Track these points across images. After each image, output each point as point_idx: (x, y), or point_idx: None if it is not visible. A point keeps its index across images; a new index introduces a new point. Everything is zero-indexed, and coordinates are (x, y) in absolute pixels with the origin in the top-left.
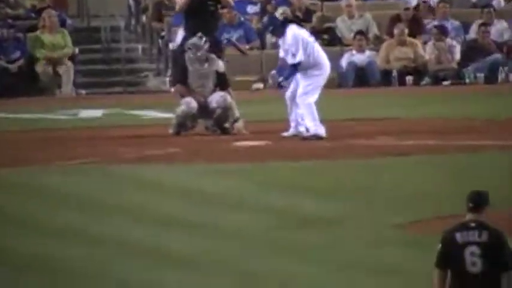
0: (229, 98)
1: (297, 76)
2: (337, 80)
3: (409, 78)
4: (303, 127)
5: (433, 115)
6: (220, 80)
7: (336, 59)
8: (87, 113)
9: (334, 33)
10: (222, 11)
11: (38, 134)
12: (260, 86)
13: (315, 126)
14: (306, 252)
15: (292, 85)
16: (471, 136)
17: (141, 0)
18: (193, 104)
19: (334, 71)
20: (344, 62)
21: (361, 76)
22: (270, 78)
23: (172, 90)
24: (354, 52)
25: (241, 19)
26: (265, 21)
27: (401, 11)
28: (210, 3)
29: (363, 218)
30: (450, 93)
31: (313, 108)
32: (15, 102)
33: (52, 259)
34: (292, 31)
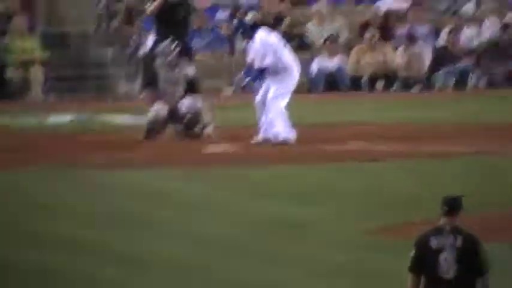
0: (200, 104)
1: (266, 81)
2: (307, 85)
3: (379, 84)
4: (272, 132)
5: (404, 120)
6: (190, 86)
7: (306, 64)
8: (56, 118)
9: (304, 39)
10: (193, 17)
11: (5, 138)
12: (230, 91)
13: (285, 131)
14: (277, 257)
15: (261, 90)
16: (441, 142)
17: (112, 5)
18: (164, 109)
19: (304, 76)
20: (314, 67)
21: (331, 81)
22: (237, 80)
23: (143, 95)
24: (324, 57)
25: (211, 25)
26: (235, 24)
27: (371, 17)
28: (181, 9)
29: (334, 223)
30: (420, 99)
31: (284, 112)
32: None
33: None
34: (260, 35)
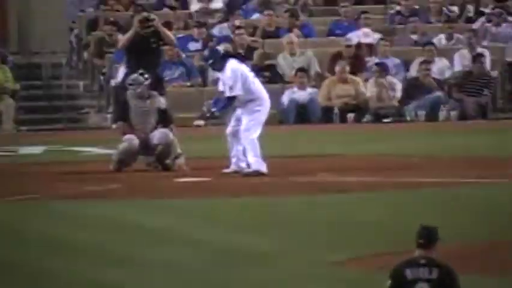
0: (171, 135)
1: (238, 112)
2: (278, 117)
3: (350, 116)
4: (244, 163)
5: (374, 152)
6: (162, 117)
7: (277, 95)
8: (28, 149)
9: (275, 70)
10: (164, 48)
11: None
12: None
13: (256, 163)
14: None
15: (232, 121)
16: (411, 173)
17: (83, 36)
18: (135, 141)
19: (275, 108)
20: (285, 98)
21: (302, 113)
22: (204, 107)
23: (114, 126)
24: (295, 89)
25: (183, 56)
26: (206, 53)
27: (342, 48)
28: (152, 40)
29: (301, 254)
30: (391, 131)
31: (256, 144)
32: None
33: None
34: (231, 65)
